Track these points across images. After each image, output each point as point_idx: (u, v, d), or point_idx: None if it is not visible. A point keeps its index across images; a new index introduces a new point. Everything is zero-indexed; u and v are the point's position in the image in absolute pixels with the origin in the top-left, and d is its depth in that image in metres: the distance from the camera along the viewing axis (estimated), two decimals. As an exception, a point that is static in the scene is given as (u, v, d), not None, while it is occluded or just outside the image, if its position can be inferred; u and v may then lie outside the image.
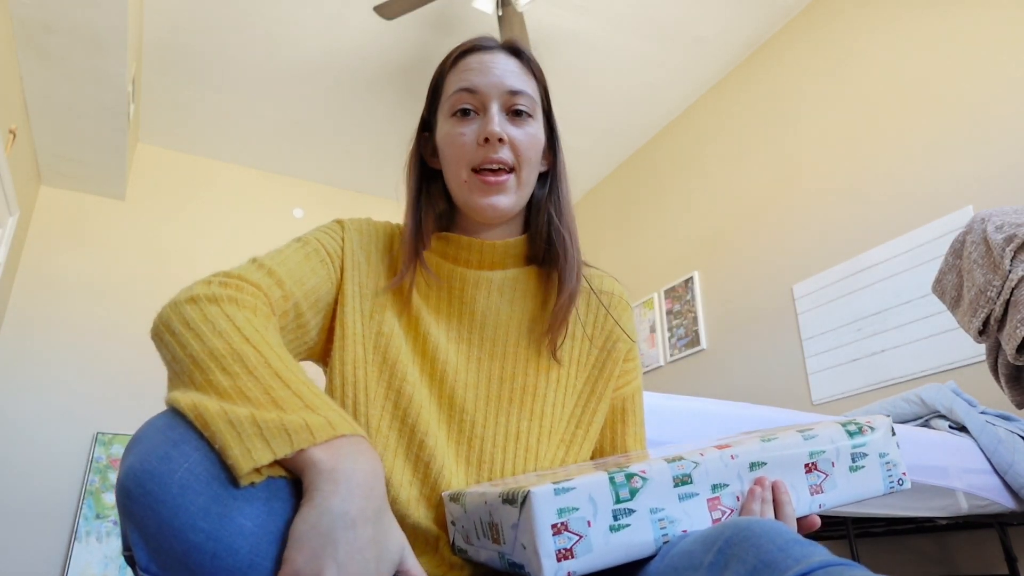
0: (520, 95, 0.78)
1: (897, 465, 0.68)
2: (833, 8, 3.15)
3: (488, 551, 0.61)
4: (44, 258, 3.74)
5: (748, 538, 0.48)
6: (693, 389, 3.52)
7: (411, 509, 0.70)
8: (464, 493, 0.65)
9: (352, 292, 0.76)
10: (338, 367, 0.74)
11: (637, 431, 0.86)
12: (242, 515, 0.49)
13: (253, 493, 0.50)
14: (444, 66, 0.82)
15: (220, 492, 0.49)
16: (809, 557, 0.45)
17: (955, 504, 1.71)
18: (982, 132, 2.46)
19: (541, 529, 0.52)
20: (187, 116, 3.95)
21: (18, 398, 3.46)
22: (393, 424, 0.73)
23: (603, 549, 0.54)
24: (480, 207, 0.76)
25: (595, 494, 0.54)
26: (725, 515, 0.59)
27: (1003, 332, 1.65)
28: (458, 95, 0.78)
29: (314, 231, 0.79)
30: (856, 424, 0.68)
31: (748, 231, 3.40)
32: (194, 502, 0.48)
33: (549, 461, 0.77)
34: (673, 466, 0.58)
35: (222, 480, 0.50)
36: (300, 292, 0.71)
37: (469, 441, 0.75)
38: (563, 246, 0.80)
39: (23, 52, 2.79)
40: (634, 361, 0.86)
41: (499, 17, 2.90)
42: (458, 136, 0.77)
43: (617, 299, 0.86)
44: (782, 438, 0.64)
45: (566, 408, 0.79)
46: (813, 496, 0.64)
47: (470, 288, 0.79)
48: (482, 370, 0.77)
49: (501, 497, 0.57)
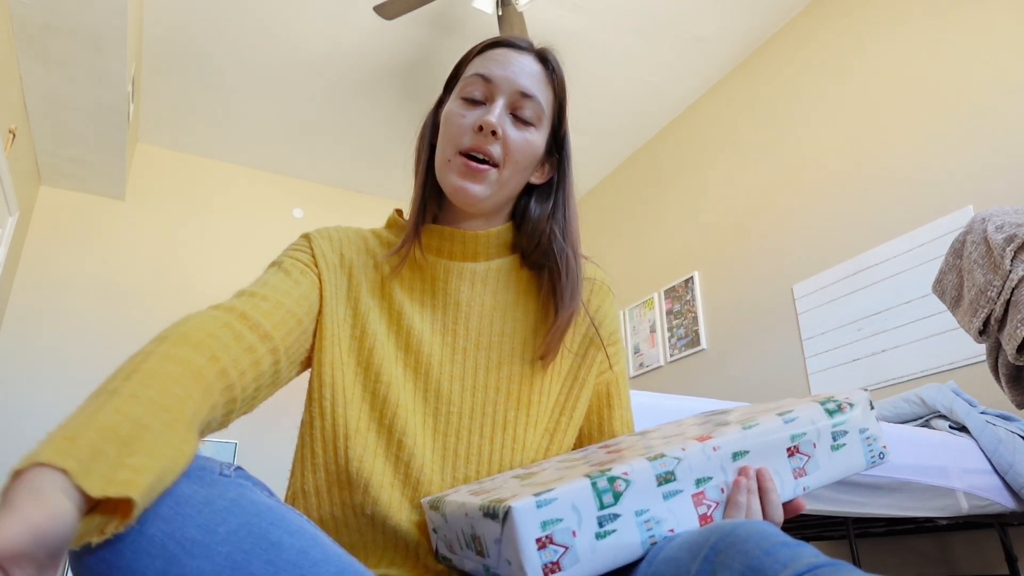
0: (529, 99, 0.78)
1: (877, 439, 0.67)
2: (833, 8, 3.15)
3: (473, 562, 0.59)
4: (44, 258, 3.74)
5: (734, 543, 0.47)
6: (693, 389, 3.52)
7: (393, 511, 0.70)
8: (443, 501, 0.63)
9: (329, 295, 0.76)
10: (316, 369, 0.74)
11: (623, 414, 0.86)
12: (203, 575, 0.47)
13: (210, 549, 0.48)
14: (471, 53, 0.83)
15: (176, 552, 0.47)
16: (797, 560, 0.44)
17: (955, 504, 1.71)
18: (982, 132, 2.46)
19: (525, 545, 0.50)
20: (187, 116, 3.95)
21: (18, 397, 3.46)
22: (371, 425, 0.73)
23: (590, 558, 0.52)
24: (455, 188, 0.76)
25: (578, 502, 0.52)
26: (711, 509, 0.58)
27: (1003, 332, 1.65)
28: (472, 79, 0.79)
29: (284, 252, 0.80)
30: (835, 402, 0.67)
31: (748, 231, 3.40)
32: (150, 566, 0.47)
33: (534, 450, 0.77)
34: (655, 464, 0.56)
35: (176, 539, 0.48)
36: (290, 301, 0.72)
37: (457, 433, 0.74)
38: (566, 265, 0.79)
39: (23, 52, 2.79)
40: (616, 345, 0.86)
41: (499, 17, 2.89)
42: (458, 116, 0.78)
43: (599, 285, 0.86)
44: (763, 423, 0.63)
45: (551, 396, 0.79)
46: (797, 479, 0.63)
47: (454, 279, 0.79)
48: (468, 361, 0.77)
49: (482, 511, 0.55)
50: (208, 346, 0.60)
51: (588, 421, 0.85)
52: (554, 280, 0.80)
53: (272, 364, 0.68)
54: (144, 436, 0.48)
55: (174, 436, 0.50)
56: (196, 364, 0.58)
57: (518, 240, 0.83)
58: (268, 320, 0.68)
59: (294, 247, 0.80)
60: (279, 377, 0.71)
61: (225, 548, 0.48)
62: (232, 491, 0.52)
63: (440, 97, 0.86)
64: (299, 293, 0.73)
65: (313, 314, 0.75)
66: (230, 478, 0.53)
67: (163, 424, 0.50)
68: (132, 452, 0.46)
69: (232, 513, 0.50)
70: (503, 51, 0.80)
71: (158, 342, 0.58)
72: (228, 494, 0.51)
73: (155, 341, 0.59)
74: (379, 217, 4.82)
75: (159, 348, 0.57)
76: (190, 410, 0.54)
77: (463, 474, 0.73)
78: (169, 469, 0.48)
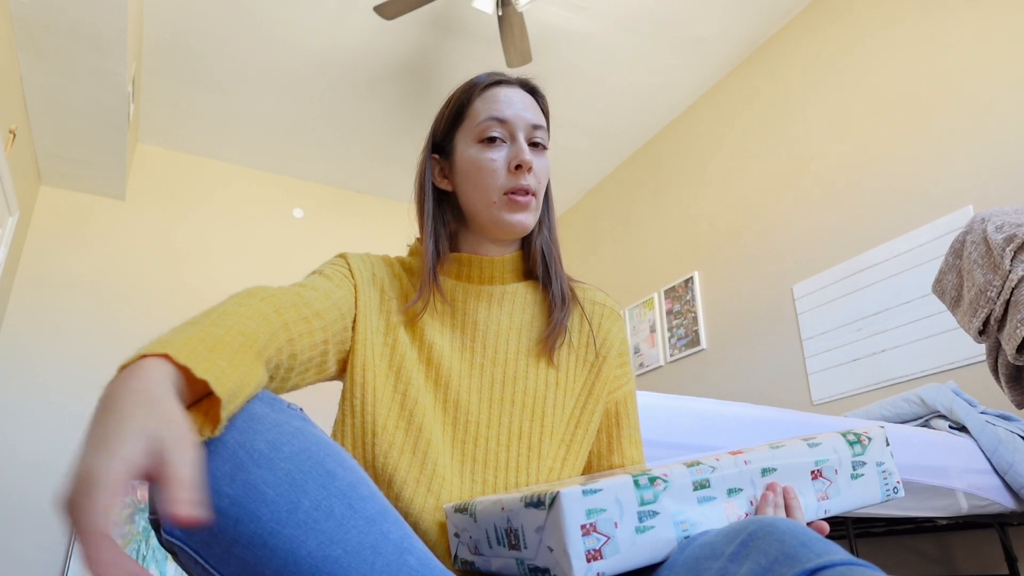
0: (540, 129, 0.87)
1: (892, 474, 0.71)
2: (833, 8, 3.15)
3: (503, 559, 0.61)
4: (44, 258, 3.74)
5: (772, 532, 0.50)
6: (693, 389, 3.52)
7: (415, 507, 0.73)
8: (473, 502, 0.66)
9: (363, 304, 0.82)
10: (350, 371, 0.79)
11: (632, 434, 0.90)
12: (264, 483, 0.52)
13: (274, 463, 0.54)
14: (467, 95, 0.88)
15: (244, 459, 0.53)
16: (830, 554, 0.47)
17: (955, 504, 1.71)
18: (982, 132, 2.46)
19: (571, 530, 0.53)
20: (187, 116, 3.95)
21: (18, 398, 3.46)
22: (400, 424, 0.77)
23: (630, 550, 0.55)
24: (510, 223, 0.83)
25: (621, 496, 0.55)
26: (740, 520, 0.60)
27: (1003, 332, 1.65)
28: (488, 123, 0.85)
29: (323, 266, 0.85)
30: (855, 434, 0.71)
31: (748, 231, 3.40)
32: (220, 468, 0.52)
33: (551, 459, 0.81)
34: (692, 470, 0.59)
35: (246, 448, 0.53)
36: (335, 297, 0.78)
37: (475, 441, 0.79)
38: (553, 261, 0.89)
39: (23, 52, 2.79)
40: (626, 367, 0.92)
41: (499, 17, 2.89)
42: (488, 161, 0.84)
43: (609, 310, 0.93)
44: (789, 446, 0.66)
45: (566, 409, 0.84)
46: (819, 502, 0.66)
47: (472, 301, 0.86)
48: (484, 375, 0.83)
49: (523, 502, 0.57)
50: (272, 302, 0.67)
51: (598, 440, 0.89)
52: (545, 277, 0.88)
53: (322, 343, 0.74)
54: (225, 350, 0.55)
55: (248, 357, 0.57)
56: (264, 311, 0.65)
57: (527, 266, 0.91)
58: (319, 304, 0.74)
59: (330, 263, 0.86)
60: (326, 362, 0.76)
61: (287, 465, 0.54)
62: (297, 421, 0.58)
63: (434, 139, 0.91)
64: (341, 294, 0.79)
65: (352, 315, 0.80)
66: (296, 412, 0.60)
67: (240, 346, 0.57)
68: (219, 357, 0.53)
69: (296, 438, 0.56)
70: (503, 90, 0.87)
71: (229, 297, 0.65)
72: (294, 422, 0.58)
73: (227, 298, 0.65)
74: (379, 217, 4.83)
75: (231, 299, 0.64)
76: (260, 343, 0.61)
77: (481, 479, 0.78)
78: (246, 381, 0.55)
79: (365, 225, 4.75)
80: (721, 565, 0.50)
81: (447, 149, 0.89)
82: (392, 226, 4.84)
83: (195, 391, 0.54)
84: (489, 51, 3.52)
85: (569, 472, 0.82)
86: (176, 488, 0.43)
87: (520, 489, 0.69)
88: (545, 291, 0.89)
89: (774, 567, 0.47)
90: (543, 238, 0.90)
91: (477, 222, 0.86)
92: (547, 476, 0.80)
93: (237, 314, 0.61)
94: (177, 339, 0.53)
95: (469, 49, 3.51)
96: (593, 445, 0.89)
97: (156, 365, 0.49)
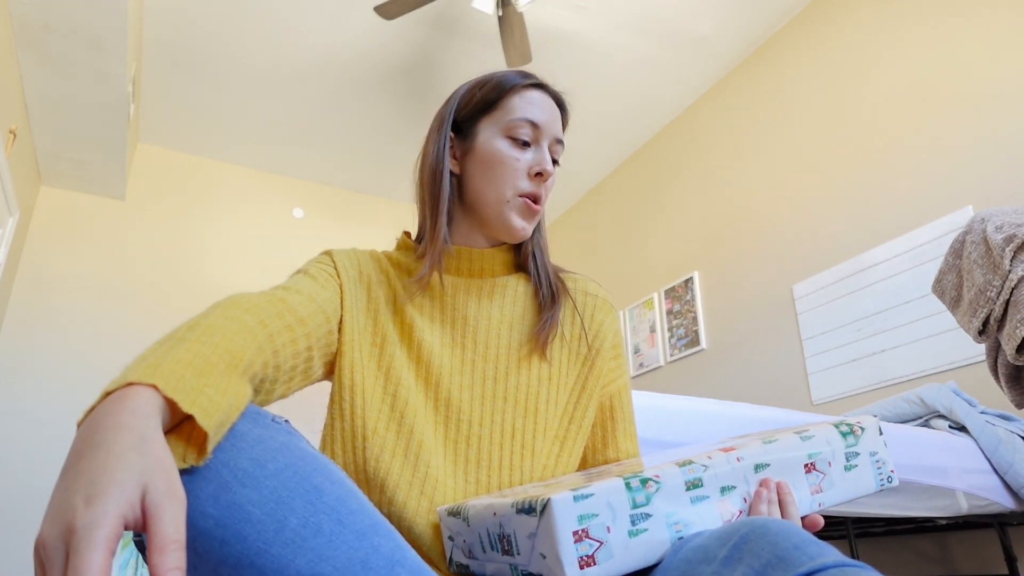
0: (560, 145, 0.88)
1: (886, 463, 0.70)
2: (833, 8, 3.15)
3: (497, 563, 0.60)
4: (44, 258, 3.74)
5: (764, 535, 0.49)
6: (693, 389, 3.52)
7: (408, 511, 0.72)
8: (466, 507, 0.65)
9: (349, 304, 0.80)
10: (338, 374, 0.78)
11: (627, 428, 0.89)
12: (250, 503, 0.51)
13: (260, 481, 0.52)
14: (506, 85, 0.86)
15: (228, 479, 0.51)
16: (823, 556, 0.46)
17: (955, 504, 1.71)
18: (982, 132, 2.46)
19: (563, 536, 0.52)
20: (187, 116, 3.95)
21: (18, 398, 3.46)
22: (390, 427, 0.76)
23: (623, 554, 0.54)
24: (516, 227, 0.84)
25: (613, 500, 0.54)
26: (734, 518, 0.60)
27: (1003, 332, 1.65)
28: (521, 123, 0.84)
29: (307, 264, 0.84)
30: (847, 425, 0.70)
31: (748, 231, 3.40)
32: (204, 489, 0.50)
33: (544, 456, 0.80)
34: (684, 470, 0.59)
35: (230, 467, 0.52)
36: (320, 299, 0.76)
37: (467, 440, 0.77)
38: (541, 255, 0.89)
39: (23, 52, 2.79)
40: (620, 359, 0.90)
41: (499, 17, 2.89)
42: (513, 160, 0.83)
43: (601, 301, 0.91)
44: (782, 440, 0.65)
45: (559, 405, 0.83)
46: (813, 496, 0.65)
47: (462, 295, 0.84)
48: (476, 371, 0.81)
49: (515, 507, 0.56)
50: (257, 313, 0.66)
51: (592, 435, 0.87)
52: (535, 270, 0.88)
53: (306, 349, 0.72)
54: (212, 374, 0.54)
55: (234, 378, 0.56)
56: (249, 324, 0.64)
57: (517, 258, 0.90)
58: (303, 309, 0.73)
59: (316, 260, 0.84)
60: (311, 367, 0.75)
61: (272, 483, 0.52)
62: (282, 436, 0.57)
63: (456, 117, 0.87)
64: (326, 295, 0.78)
65: (337, 316, 0.79)
66: (281, 425, 0.59)
67: (227, 366, 0.56)
68: (206, 384, 0.52)
69: (281, 454, 0.55)
70: (541, 96, 0.87)
71: (213, 307, 0.64)
72: (279, 437, 0.57)
73: (210, 307, 0.64)
74: (379, 217, 4.83)
75: (216, 310, 0.63)
76: (246, 361, 0.60)
77: (475, 478, 0.76)
78: (233, 407, 0.54)
79: (365, 225, 4.75)
80: (714, 569, 0.50)
81: (466, 132, 0.87)
82: (392, 226, 4.84)
83: (180, 414, 0.52)
84: (489, 51, 3.53)
85: (564, 469, 0.81)
86: (158, 553, 0.41)
87: (513, 491, 0.68)
88: (536, 286, 0.88)
89: (767, 571, 0.47)
90: (535, 240, 0.89)
91: (480, 213, 0.85)
92: (541, 474, 0.79)
93: (224, 329, 0.60)
94: (164, 364, 0.51)
95: (469, 49, 3.51)
96: (588, 439, 0.87)
97: (143, 395, 0.48)
